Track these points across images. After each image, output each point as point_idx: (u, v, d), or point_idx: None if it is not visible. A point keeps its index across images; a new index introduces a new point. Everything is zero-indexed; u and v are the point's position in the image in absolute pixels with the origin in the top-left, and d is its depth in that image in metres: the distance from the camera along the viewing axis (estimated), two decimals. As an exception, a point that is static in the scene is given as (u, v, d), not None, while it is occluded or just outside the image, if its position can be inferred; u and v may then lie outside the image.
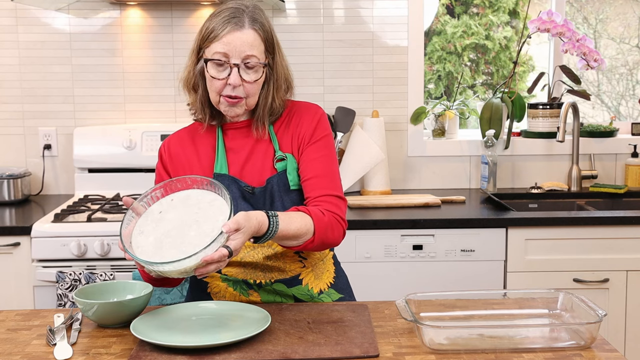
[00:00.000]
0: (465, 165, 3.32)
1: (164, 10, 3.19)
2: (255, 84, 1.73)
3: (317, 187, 1.77)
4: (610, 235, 2.72)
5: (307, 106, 1.87)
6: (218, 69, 1.72)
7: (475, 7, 3.69)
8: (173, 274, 1.52)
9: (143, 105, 3.25)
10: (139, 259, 1.52)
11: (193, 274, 1.52)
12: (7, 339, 1.61)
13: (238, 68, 1.70)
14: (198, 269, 1.51)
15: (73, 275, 2.52)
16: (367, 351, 1.49)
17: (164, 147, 1.87)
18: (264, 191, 1.77)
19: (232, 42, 1.69)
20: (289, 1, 3.20)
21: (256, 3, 1.80)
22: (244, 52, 1.70)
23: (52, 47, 3.20)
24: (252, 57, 1.71)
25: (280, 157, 1.80)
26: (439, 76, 3.69)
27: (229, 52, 1.70)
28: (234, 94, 1.72)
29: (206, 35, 1.72)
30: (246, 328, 1.56)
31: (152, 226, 1.60)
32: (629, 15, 3.70)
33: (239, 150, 1.82)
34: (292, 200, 1.79)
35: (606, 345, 1.53)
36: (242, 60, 1.71)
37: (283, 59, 1.81)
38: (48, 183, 3.26)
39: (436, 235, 2.71)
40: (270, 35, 1.77)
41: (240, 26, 1.70)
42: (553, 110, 3.28)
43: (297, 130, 1.82)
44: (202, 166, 1.82)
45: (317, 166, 1.79)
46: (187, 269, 1.50)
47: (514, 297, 1.85)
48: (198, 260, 1.49)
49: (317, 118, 1.84)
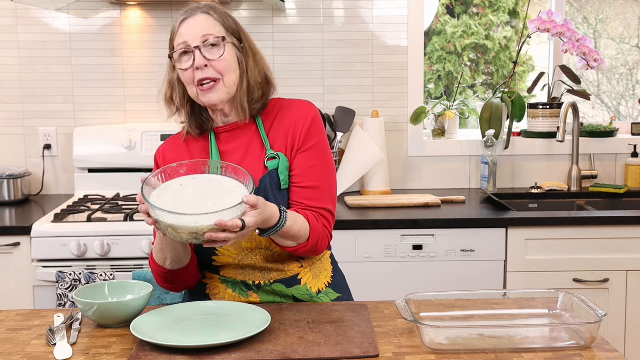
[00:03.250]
0: (465, 165, 3.32)
1: (164, 10, 3.19)
2: (222, 60, 1.74)
3: (314, 198, 1.79)
4: (610, 235, 2.72)
5: (298, 104, 1.86)
6: (184, 60, 1.75)
7: (475, 7, 3.69)
8: (184, 232, 1.52)
9: (143, 105, 3.25)
10: (155, 206, 1.52)
11: (203, 239, 1.52)
12: (7, 339, 1.61)
13: (200, 50, 1.73)
14: (209, 232, 1.51)
15: (73, 275, 2.52)
16: (367, 351, 1.49)
17: (159, 154, 1.89)
18: (258, 191, 1.77)
19: (187, 29, 1.75)
20: (289, 1, 3.20)
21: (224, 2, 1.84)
22: (200, 33, 1.74)
23: (52, 47, 3.20)
24: (208, 35, 1.74)
25: (272, 155, 1.79)
26: (439, 76, 3.69)
27: (187, 39, 1.74)
28: (204, 76, 1.73)
29: (170, 39, 1.80)
30: (246, 328, 1.56)
31: (171, 195, 1.61)
32: (629, 15, 3.70)
33: (233, 153, 1.82)
34: (283, 199, 1.79)
35: (606, 345, 1.53)
36: (202, 42, 1.74)
37: (252, 44, 1.83)
38: (48, 183, 3.26)
39: (436, 235, 2.71)
40: (230, 20, 1.79)
41: (193, 14, 1.76)
42: (553, 110, 3.28)
43: (290, 130, 1.81)
44: None
45: (314, 176, 1.79)
46: (199, 230, 1.51)
47: (514, 297, 1.85)
48: (212, 222, 1.50)
49: (310, 119, 1.82)
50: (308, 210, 1.77)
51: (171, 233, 1.54)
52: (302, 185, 1.79)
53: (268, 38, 3.21)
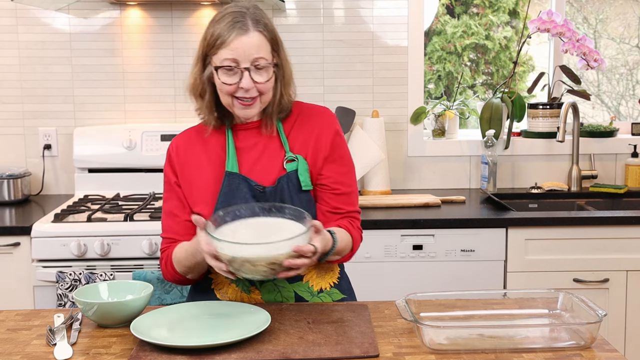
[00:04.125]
0: (465, 165, 3.32)
1: (164, 10, 3.19)
2: (267, 83, 1.76)
3: (348, 202, 1.86)
4: (610, 235, 2.72)
5: (320, 111, 1.90)
6: (228, 75, 1.73)
7: (475, 7, 3.69)
8: (262, 264, 1.52)
9: (143, 105, 3.25)
10: (234, 241, 1.53)
11: (279, 269, 1.55)
12: (7, 339, 1.61)
13: (249, 71, 1.72)
14: (288, 259, 1.53)
15: (73, 275, 2.52)
16: (367, 351, 1.49)
17: (173, 148, 1.88)
18: (274, 191, 1.79)
19: (239, 47, 1.71)
20: (289, 1, 3.20)
21: (255, 3, 1.81)
22: (252, 55, 1.72)
23: (52, 47, 3.20)
24: (260, 59, 1.73)
25: (291, 158, 1.82)
26: (439, 76, 3.69)
27: (238, 57, 1.71)
28: (248, 96, 1.75)
29: (212, 42, 1.74)
30: (246, 328, 1.56)
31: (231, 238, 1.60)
32: (629, 15, 3.71)
33: (250, 150, 1.84)
34: (301, 201, 1.80)
35: (606, 345, 1.53)
36: (252, 63, 1.72)
37: (287, 55, 1.84)
38: (48, 183, 3.26)
39: (436, 235, 2.71)
40: (275, 34, 1.79)
41: (245, 30, 1.72)
42: (553, 110, 3.28)
43: (312, 137, 1.84)
44: (213, 165, 1.83)
45: (346, 182, 1.87)
46: (278, 258, 1.52)
47: (514, 297, 1.85)
48: (290, 248, 1.52)
49: (334, 129, 1.87)
50: (345, 217, 1.85)
51: (247, 269, 1.54)
52: (337, 192, 1.85)
53: (268, 38, 3.20)
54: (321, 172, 1.84)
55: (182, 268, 1.80)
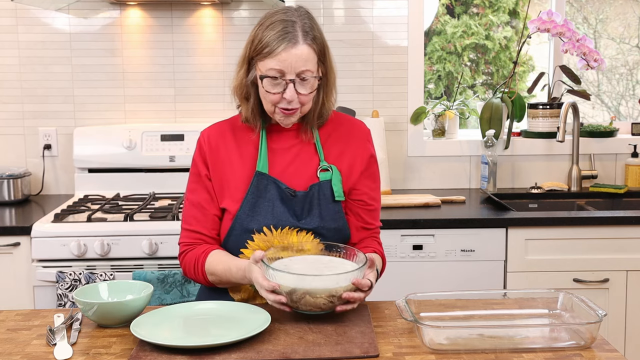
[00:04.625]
0: (465, 165, 3.32)
1: (164, 10, 3.19)
2: (310, 95, 1.76)
3: (375, 217, 1.92)
4: (610, 235, 2.72)
5: (358, 125, 1.92)
6: (273, 84, 1.73)
7: (475, 7, 3.69)
8: (322, 297, 1.56)
9: (143, 105, 3.25)
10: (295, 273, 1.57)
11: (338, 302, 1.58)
12: (7, 339, 1.61)
13: (293, 83, 1.72)
14: (347, 292, 1.57)
15: (73, 275, 2.52)
16: (367, 351, 1.49)
17: (204, 138, 1.88)
18: (305, 196, 1.80)
19: (287, 60, 1.70)
20: (289, 1, 3.20)
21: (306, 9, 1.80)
22: (299, 67, 1.71)
23: (52, 47, 3.20)
24: (306, 71, 1.72)
25: (325, 167, 1.83)
26: (439, 76, 3.69)
27: (284, 68, 1.71)
28: (290, 107, 1.75)
29: (259, 49, 1.73)
30: (246, 328, 1.56)
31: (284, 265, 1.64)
32: (629, 15, 3.71)
33: (283, 153, 1.84)
34: (329, 211, 1.81)
35: (606, 345, 1.53)
36: (297, 75, 1.72)
37: (332, 61, 1.82)
38: (48, 183, 3.26)
39: (436, 235, 2.71)
40: (323, 45, 1.77)
41: (295, 43, 1.71)
42: (553, 110, 3.28)
43: (348, 150, 1.86)
44: (244, 163, 1.83)
45: (376, 197, 1.92)
46: (338, 291, 1.56)
47: (514, 297, 1.85)
48: (349, 281, 1.57)
49: (372, 145, 1.91)
50: (372, 233, 1.92)
51: (307, 301, 1.56)
52: (371, 208, 1.90)
53: (268, 38, 3.20)
54: (355, 187, 1.86)
55: (214, 279, 1.80)
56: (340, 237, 1.83)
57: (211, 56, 3.21)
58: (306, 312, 1.61)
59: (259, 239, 1.79)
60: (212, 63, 3.22)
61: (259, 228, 1.78)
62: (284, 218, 1.79)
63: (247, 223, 1.79)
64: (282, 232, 1.79)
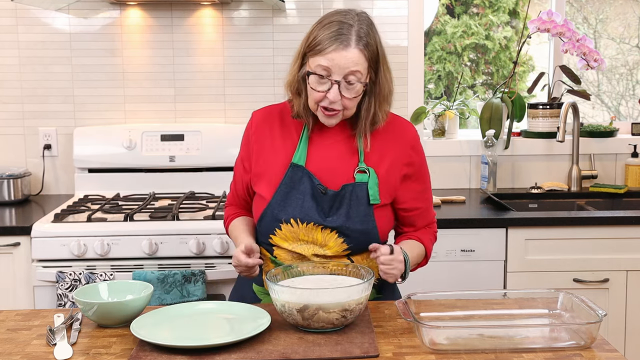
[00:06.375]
0: (465, 165, 3.32)
1: (164, 10, 3.19)
2: (353, 99, 1.77)
3: (424, 217, 1.95)
4: (610, 235, 2.72)
5: (404, 126, 1.91)
6: (319, 81, 1.74)
7: (475, 7, 3.69)
8: (335, 311, 1.54)
9: (143, 105, 3.25)
10: (308, 287, 1.56)
11: (350, 316, 1.57)
12: (7, 339, 1.61)
13: (339, 85, 1.73)
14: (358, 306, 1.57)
15: (73, 275, 2.52)
16: (367, 351, 1.49)
17: (254, 118, 1.93)
18: (336, 196, 1.80)
19: (335, 59, 1.71)
20: (289, 1, 3.20)
21: (367, 15, 1.81)
22: (347, 69, 1.72)
23: (52, 47, 3.20)
24: (354, 75, 1.73)
25: (363, 169, 1.82)
26: (439, 76, 3.69)
27: (332, 67, 1.72)
28: (331, 107, 1.76)
29: (312, 45, 1.75)
30: (246, 328, 1.56)
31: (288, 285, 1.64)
32: (629, 15, 3.71)
33: (322, 148, 1.85)
34: (359, 213, 1.80)
35: (606, 345, 1.53)
36: (344, 78, 1.73)
37: (388, 72, 1.82)
38: (48, 183, 3.26)
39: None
40: (376, 53, 1.78)
41: (346, 45, 1.72)
42: (553, 110, 3.28)
43: (389, 153, 1.86)
44: (285, 151, 1.85)
45: (425, 198, 1.94)
46: (350, 303, 1.55)
47: (514, 297, 1.85)
48: (360, 294, 1.56)
49: (419, 147, 1.91)
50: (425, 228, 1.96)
51: (320, 317, 1.55)
52: (416, 212, 1.92)
53: (268, 38, 3.21)
54: (398, 191, 1.86)
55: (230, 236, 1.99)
56: (366, 239, 1.82)
57: (211, 56, 3.21)
58: (318, 329, 1.58)
59: (286, 229, 1.81)
60: (212, 63, 3.22)
61: (287, 219, 1.81)
62: (310, 213, 1.80)
63: (277, 212, 1.81)
64: (307, 227, 1.80)
